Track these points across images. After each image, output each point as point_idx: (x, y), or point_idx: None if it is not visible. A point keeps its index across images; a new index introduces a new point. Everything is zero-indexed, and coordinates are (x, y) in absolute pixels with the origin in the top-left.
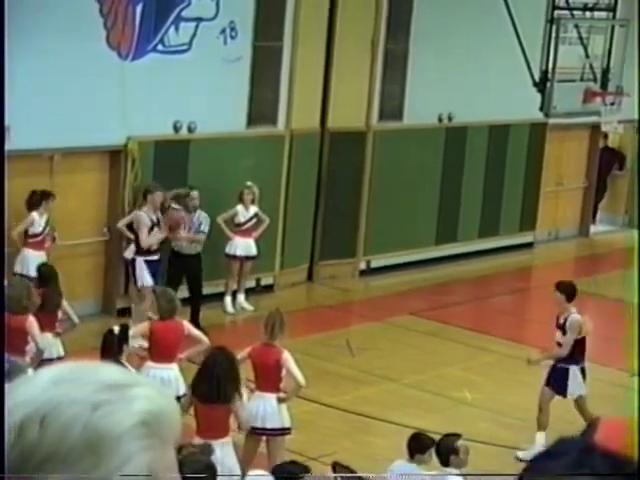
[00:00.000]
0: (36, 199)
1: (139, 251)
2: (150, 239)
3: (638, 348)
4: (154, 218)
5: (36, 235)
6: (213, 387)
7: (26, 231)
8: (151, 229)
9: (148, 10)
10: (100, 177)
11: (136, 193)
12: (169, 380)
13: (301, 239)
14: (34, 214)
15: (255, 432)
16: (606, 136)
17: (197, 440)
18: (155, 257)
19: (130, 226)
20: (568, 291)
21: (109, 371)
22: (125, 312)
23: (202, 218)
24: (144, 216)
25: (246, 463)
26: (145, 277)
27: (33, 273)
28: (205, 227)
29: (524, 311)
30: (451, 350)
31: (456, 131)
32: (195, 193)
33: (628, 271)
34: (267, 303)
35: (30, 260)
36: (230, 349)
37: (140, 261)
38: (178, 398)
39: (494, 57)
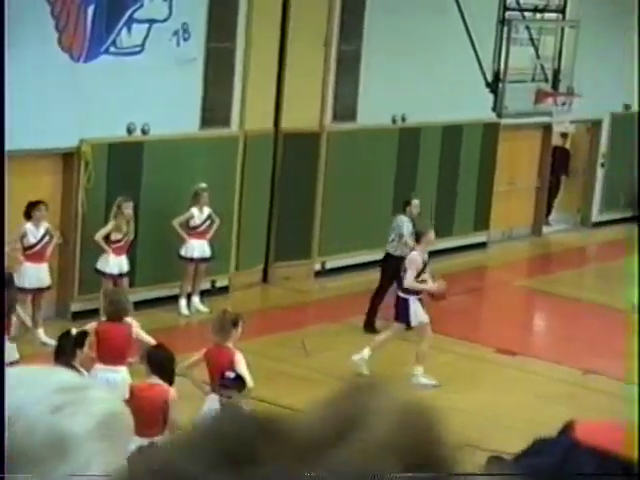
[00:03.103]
0: (28, 210)
1: (407, 290)
2: (414, 284)
3: (639, 354)
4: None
5: (31, 247)
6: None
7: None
8: (422, 271)
9: (100, 12)
10: (53, 180)
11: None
12: (115, 383)
13: (256, 240)
14: (28, 225)
15: None
16: (565, 136)
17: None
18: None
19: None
20: None
21: (63, 374)
22: (80, 315)
23: None
24: (418, 257)
25: None
26: (421, 314)
27: (28, 285)
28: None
29: (479, 311)
30: (406, 350)
31: (409, 132)
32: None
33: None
34: (222, 305)
35: (27, 273)
36: (185, 350)
37: (414, 300)
38: (125, 403)
39: (447, 58)
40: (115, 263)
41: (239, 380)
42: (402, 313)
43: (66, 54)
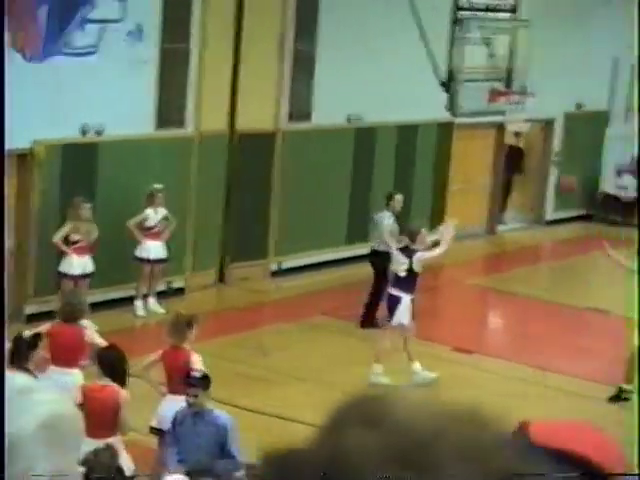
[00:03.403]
0: None
1: (402, 288)
2: (433, 253)
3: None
4: None
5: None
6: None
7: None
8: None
9: (53, 12)
10: (6, 182)
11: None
12: (67, 385)
13: (212, 241)
14: None
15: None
16: (519, 135)
17: (87, 439)
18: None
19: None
20: None
21: (11, 377)
22: (36, 318)
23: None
24: (423, 254)
25: (160, 467)
26: (405, 317)
27: None
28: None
29: (434, 309)
30: (364, 349)
31: (365, 131)
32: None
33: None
34: (179, 306)
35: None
36: (141, 351)
37: (406, 299)
38: (79, 405)
39: (401, 58)
40: (79, 264)
41: (205, 379)
42: (390, 308)
43: (19, 54)
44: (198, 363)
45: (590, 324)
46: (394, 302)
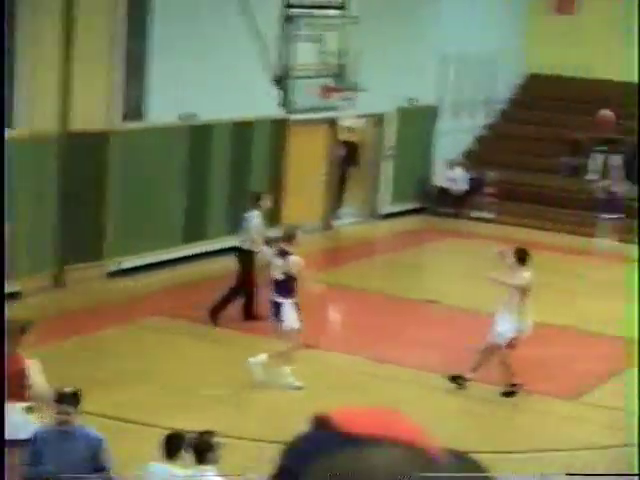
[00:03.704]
0: None
1: (284, 294)
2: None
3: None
4: None
5: None
6: None
7: None
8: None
9: None
10: None
11: None
12: None
13: (46, 243)
14: None
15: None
16: (353, 130)
17: None
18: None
19: None
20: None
21: None
22: None
23: None
24: (298, 259)
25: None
26: (293, 320)
27: None
28: None
29: None
30: (204, 349)
31: (200, 129)
32: None
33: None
34: (14, 311)
35: None
36: None
37: (289, 304)
38: None
39: (235, 55)
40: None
41: (75, 396)
42: (274, 315)
43: None
44: (34, 369)
45: (425, 315)
46: (276, 308)
